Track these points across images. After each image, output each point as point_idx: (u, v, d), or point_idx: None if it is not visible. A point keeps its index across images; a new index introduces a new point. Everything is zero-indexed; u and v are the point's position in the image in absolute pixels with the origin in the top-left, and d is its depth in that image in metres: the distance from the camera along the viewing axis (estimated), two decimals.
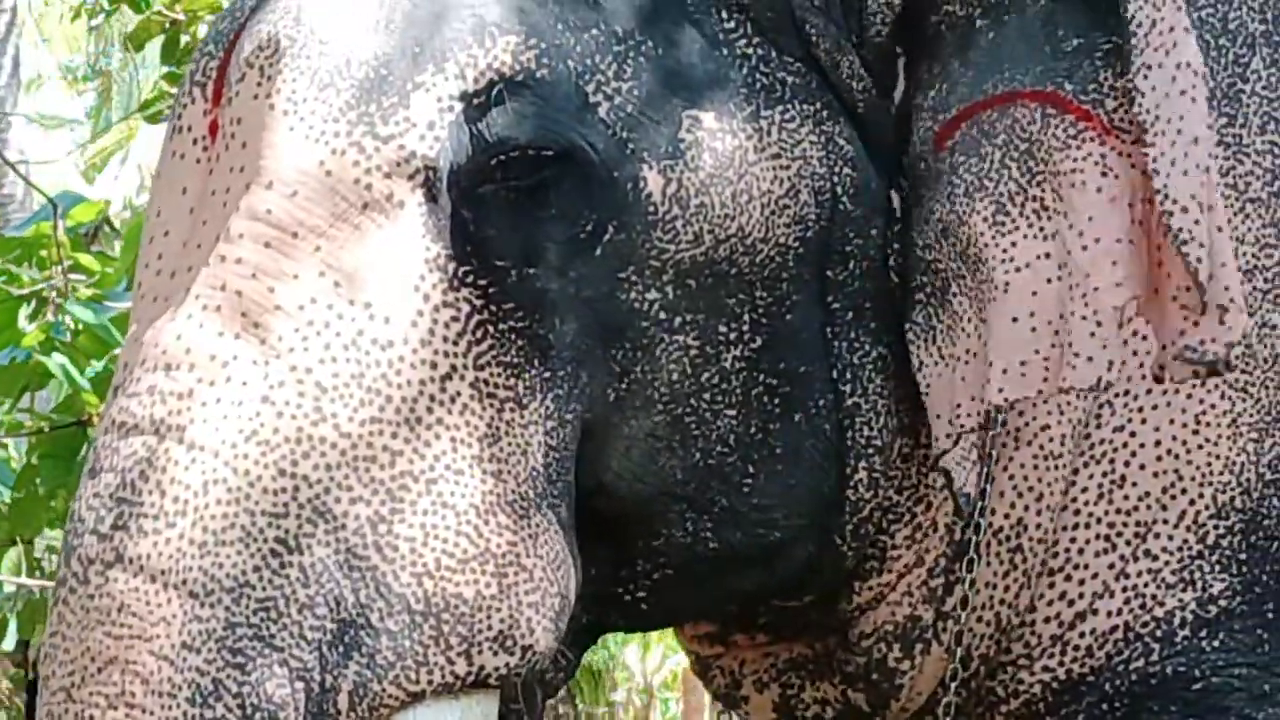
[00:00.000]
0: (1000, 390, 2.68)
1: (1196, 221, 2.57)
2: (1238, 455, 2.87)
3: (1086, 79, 2.72)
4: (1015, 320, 2.69)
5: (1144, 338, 2.65)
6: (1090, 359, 2.66)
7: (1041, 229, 2.70)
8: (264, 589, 2.42)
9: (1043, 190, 2.71)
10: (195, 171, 2.62)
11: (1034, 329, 2.69)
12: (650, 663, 15.04)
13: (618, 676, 15.10)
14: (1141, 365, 2.67)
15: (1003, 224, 2.71)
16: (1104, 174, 2.69)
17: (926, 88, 2.81)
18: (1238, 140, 2.88)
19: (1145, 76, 2.64)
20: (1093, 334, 2.66)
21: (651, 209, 2.62)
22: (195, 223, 2.58)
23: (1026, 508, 2.89)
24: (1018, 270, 2.70)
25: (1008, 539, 2.89)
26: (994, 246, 2.71)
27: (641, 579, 2.74)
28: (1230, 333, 2.56)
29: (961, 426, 2.71)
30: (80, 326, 5.97)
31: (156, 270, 2.61)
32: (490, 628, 2.49)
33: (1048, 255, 2.70)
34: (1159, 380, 2.66)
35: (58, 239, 6.91)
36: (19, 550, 6.33)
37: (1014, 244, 2.71)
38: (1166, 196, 2.59)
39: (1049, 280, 2.69)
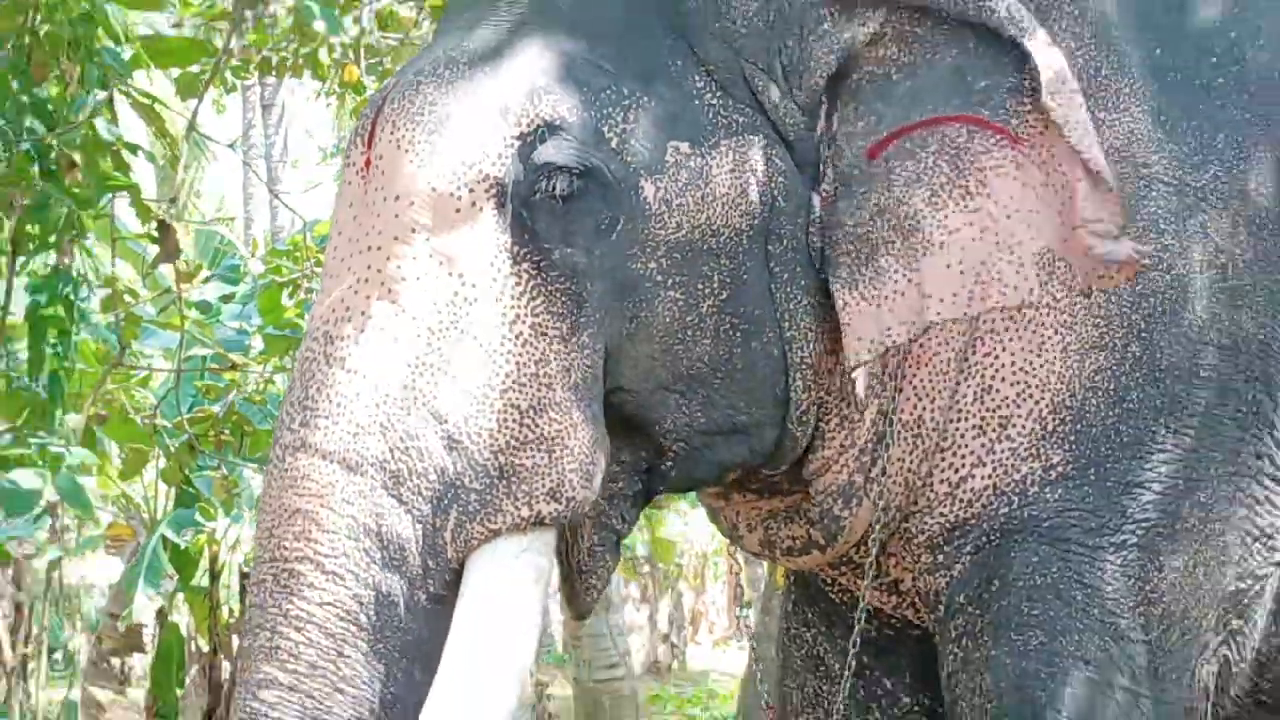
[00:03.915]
0: (938, 311, 2.71)
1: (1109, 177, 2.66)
2: (1067, 370, 2.85)
3: (997, 106, 2.73)
4: (948, 266, 2.71)
5: (1063, 271, 2.70)
6: (1015, 287, 2.69)
7: (966, 206, 2.72)
8: (396, 464, 2.49)
9: (967, 181, 2.72)
10: (357, 193, 2.65)
11: (962, 271, 2.71)
12: (704, 536, 14.95)
13: (682, 546, 15.07)
14: (1061, 286, 2.72)
15: (937, 203, 2.73)
16: (1017, 167, 2.71)
17: (854, 120, 2.79)
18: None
19: (1054, 97, 2.67)
20: (1018, 272, 2.70)
21: (646, 207, 2.65)
22: (356, 226, 2.63)
23: (924, 407, 2.89)
24: (950, 234, 2.72)
25: (911, 428, 2.89)
26: (930, 218, 2.73)
27: (666, 453, 2.76)
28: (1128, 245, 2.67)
29: (892, 340, 2.73)
30: None
31: (333, 257, 2.66)
32: (544, 486, 2.55)
33: (970, 224, 2.72)
34: (1086, 294, 2.77)
35: (307, 244, 6.96)
36: None
37: (946, 216, 2.72)
38: (1095, 165, 2.66)
39: (971, 240, 2.71)
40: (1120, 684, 2.86)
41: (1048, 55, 2.71)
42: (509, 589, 2.54)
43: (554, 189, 2.60)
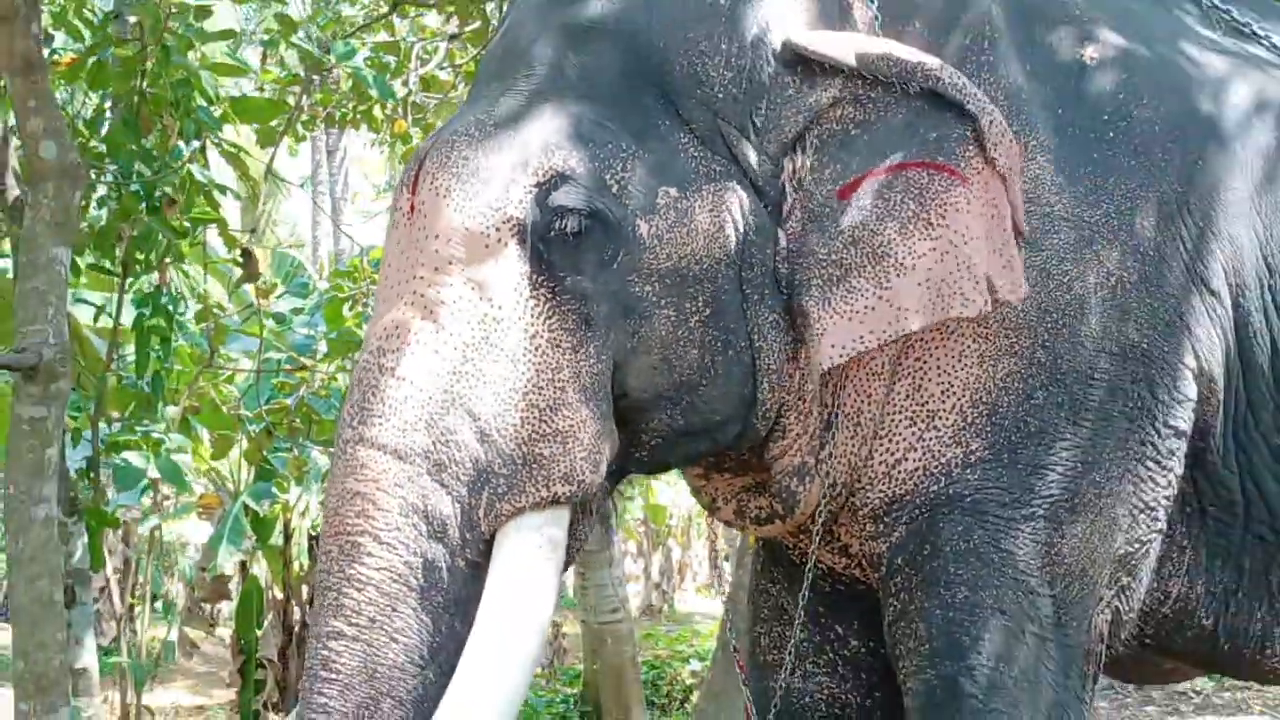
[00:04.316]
0: (913, 321, 2.70)
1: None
2: (982, 373, 2.84)
3: (949, 153, 2.73)
4: (918, 284, 2.70)
5: (1001, 287, 2.73)
6: (974, 300, 2.70)
7: (930, 235, 2.71)
8: (438, 454, 2.47)
9: (929, 214, 2.71)
10: (403, 233, 2.64)
11: (929, 288, 2.70)
12: (690, 502, 14.88)
13: (671, 510, 15.03)
14: (998, 299, 2.74)
15: (906, 233, 2.71)
16: (967, 202, 2.71)
17: (821, 168, 2.78)
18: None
19: (997, 149, 2.71)
20: (974, 286, 2.70)
21: (642, 242, 2.64)
22: (402, 260, 2.62)
23: (862, 401, 2.87)
24: (918, 258, 2.71)
25: (851, 418, 2.87)
26: (901, 246, 2.71)
27: (644, 445, 2.75)
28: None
29: (864, 346, 2.71)
30: None
31: (384, 285, 2.65)
32: (560, 471, 2.54)
33: (934, 249, 2.71)
34: (1003, 303, 2.76)
35: (364, 266, 6.95)
36: None
37: (914, 244, 2.71)
38: (1015, 208, 2.74)
39: (936, 262, 2.71)
40: (1030, 630, 2.85)
41: (988, 114, 2.72)
42: (531, 556, 2.53)
43: (566, 227, 2.59)
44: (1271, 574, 3.14)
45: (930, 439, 2.86)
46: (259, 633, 7.51)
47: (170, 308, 5.83)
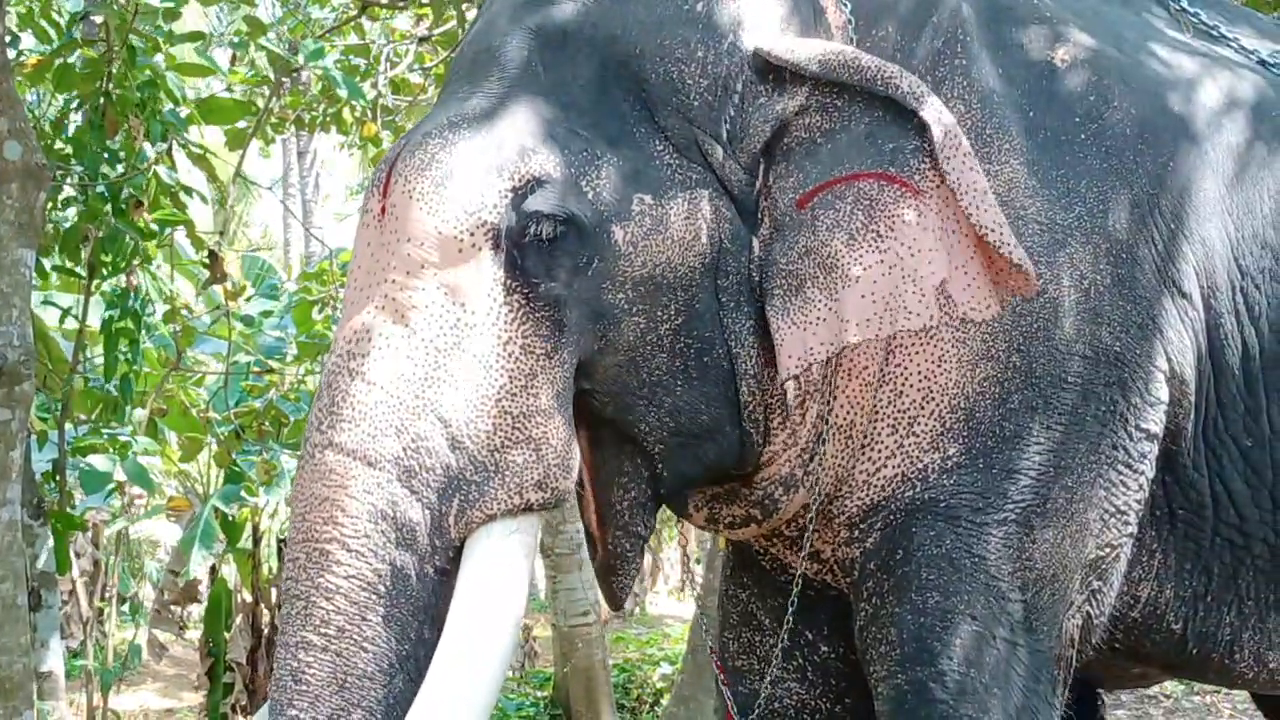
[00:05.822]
0: (854, 335, 2.66)
1: (1005, 236, 2.65)
2: (960, 378, 2.81)
3: (903, 164, 2.69)
4: (863, 296, 2.66)
5: (950, 302, 2.67)
6: (918, 314, 2.65)
7: (877, 247, 2.67)
8: (408, 460, 2.44)
9: (878, 226, 2.68)
10: (373, 235, 2.61)
11: (874, 301, 2.66)
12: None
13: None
14: (948, 314, 2.68)
15: (853, 245, 2.68)
16: (918, 216, 2.67)
17: (786, 176, 2.75)
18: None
19: (948, 162, 2.66)
20: (920, 300, 2.66)
21: (616, 248, 2.62)
22: (372, 262, 2.59)
23: (854, 413, 2.84)
24: (864, 270, 2.67)
25: (842, 429, 2.85)
26: (848, 257, 2.68)
27: (653, 455, 2.73)
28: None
29: (815, 358, 2.68)
30: None
31: (354, 288, 2.61)
32: (532, 478, 2.51)
33: (881, 261, 2.67)
34: (969, 320, 2.71)
35: (333, 269, 6.91)
36: None
37: (861, 255, 2.68)
38: (984, 226, 2.64)
39: (882, 275, 2.67)
40: (1001, 635, 2.83)
41: (942, 124, 2.68)
42: (502, 562, 2.50)
43: (541, 233, 2.56)
44: (1240, 577, 3.13)
45: (909, 445, 2.84)
46: (227, 635, 7.46)
47: (139, 310, 5.79)
